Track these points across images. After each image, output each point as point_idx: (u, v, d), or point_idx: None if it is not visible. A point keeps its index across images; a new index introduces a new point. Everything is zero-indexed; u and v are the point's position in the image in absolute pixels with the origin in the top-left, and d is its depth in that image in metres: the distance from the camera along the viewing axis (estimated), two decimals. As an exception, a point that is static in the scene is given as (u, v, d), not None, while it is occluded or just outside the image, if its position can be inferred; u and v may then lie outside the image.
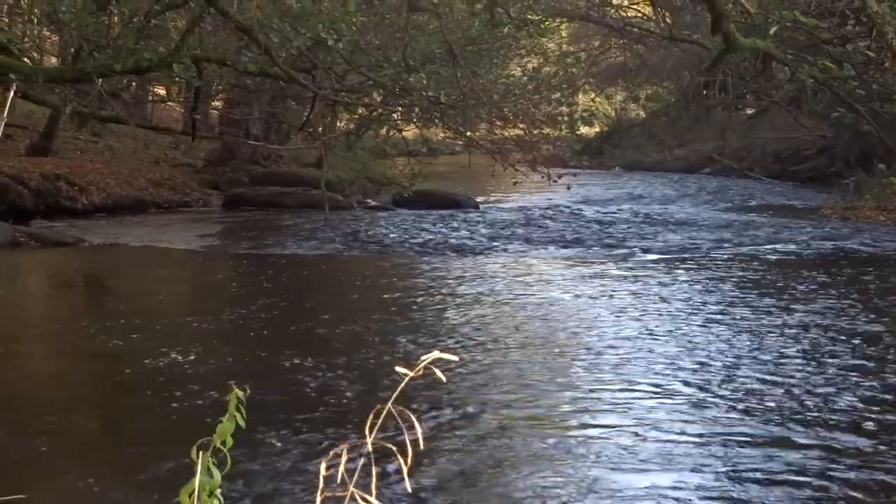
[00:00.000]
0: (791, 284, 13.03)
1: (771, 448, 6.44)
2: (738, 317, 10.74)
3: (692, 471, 6.03)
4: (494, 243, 17.30)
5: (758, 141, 34.44)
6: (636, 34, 35.66)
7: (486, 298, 12.07)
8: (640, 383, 7.99)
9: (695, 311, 11.06)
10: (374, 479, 2.09)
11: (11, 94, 15.29)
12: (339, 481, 2.15)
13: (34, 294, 13.60)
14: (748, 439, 6.59)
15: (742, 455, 6.30)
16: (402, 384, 2.15)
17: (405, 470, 2.10)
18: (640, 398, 7.56)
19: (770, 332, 9.98)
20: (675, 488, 5.76)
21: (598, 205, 24.25)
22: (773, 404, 7.40)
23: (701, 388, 7.83)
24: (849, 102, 22.09)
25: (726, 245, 16.90)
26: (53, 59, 25.37)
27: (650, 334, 9.86)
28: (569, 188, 19.20)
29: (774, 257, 15.61)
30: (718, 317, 10.75)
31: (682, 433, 6.70)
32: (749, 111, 36.58)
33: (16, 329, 10.67)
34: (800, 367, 8.51)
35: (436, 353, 2.15)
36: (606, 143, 39.82)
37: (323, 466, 2.14)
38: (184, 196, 23.49)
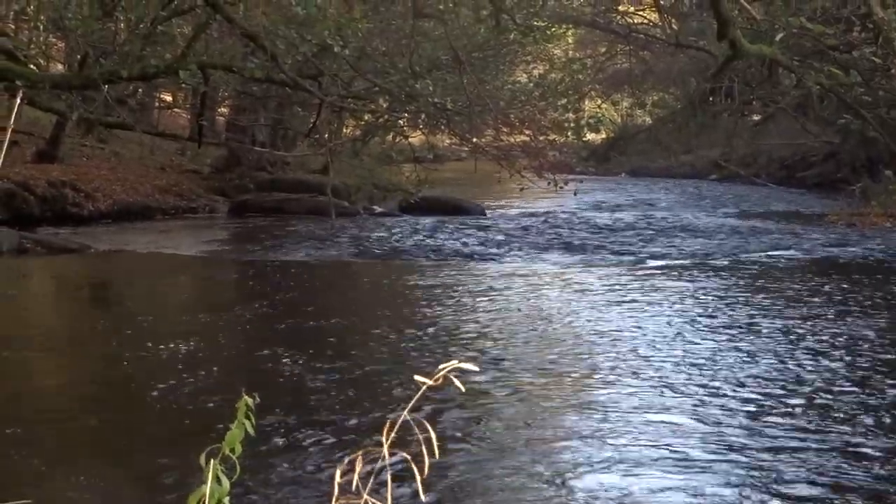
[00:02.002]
0: (797, 290, 13.00)
1: (771, 447, 6.42)
2: (744, 322, 10.72)
3: (717, 486, 6.00)
4: (501, 249, 17.28)
5: (764, 147, 34.43)
6: (642, 40, 35.66)
7: (494, 305, 12.04)
8: (648, 388, 7.96)
9: (702, 318, 11.03)
10: (389, 488, 2.07)
11: (18, 100, 15.31)
12: (353, 489, 2.13)
13: (40, 300, 13.59)
14: (759, 442, 6.58)
15: (750, 458, 6.28)
16: (420, 393, 2.13)
17: (419, 479, 2.08)
18: (649, 403, 7.54)
19: (773, 336, 9.96)
20: None
21: (605, 211, 24.23)
22: (772, 404, 7.38)
23: (712, 395, 7.81)
24: (855, 109, 22.08)
25: (733, 251, 16.87)
26: (59, 66, 25.41)
27: (659, 341, 9.83)
28: (575, 194, 19.17)
29: (781, 263, 15.59)
30: (725, 323, 10.73)
31: (701, 445, 6.67)
32: (755, 117, 36.56)
33: (22, 335, 10.66)
34: (805, 372, 8.49)
35: (454, 363, 2.13)
36: (613, 150, 39.78)
37: (338, 474, 2.12)
38: (190, 202, 23.49)
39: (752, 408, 7.47)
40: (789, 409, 7.42)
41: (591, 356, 9.32)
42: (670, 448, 6.55)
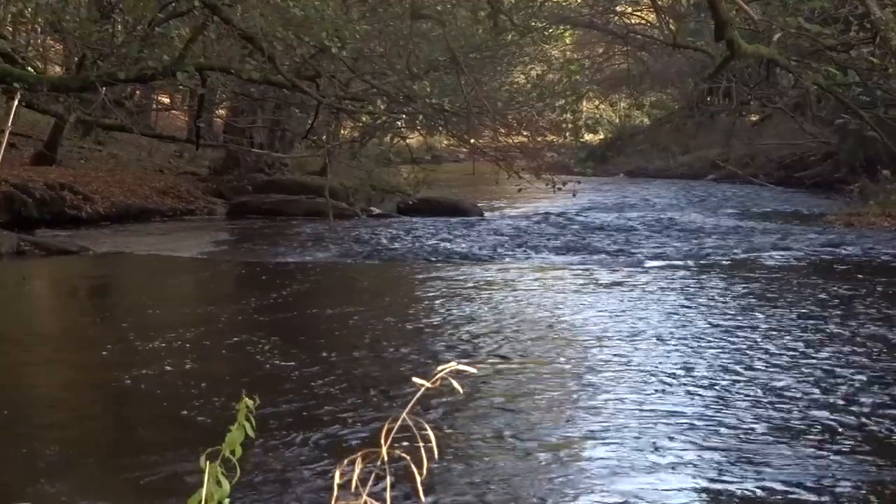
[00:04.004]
0: (795, 290, 13.01)
1: (759, 440, 6.44)
2: (742, 322, 10.73)
3: (716, 494, 6.01)
4: (499, 251, 17.29)
5: (762, 147, 34.48)
6: (640, 41, 35.68)
7: (493, 306, 12.05)
8: (646, 387, 7.97)
9: (698, 317, 11.04)
10: (388, 489, 2.08)
11: (15, 102, 15.30)
12: (352, 490, 2.13)
13: (39, 303, 13.59)
14: (751, 442, 6.59)
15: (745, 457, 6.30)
16: (418, 394, 2.13)
17: (418, 480, 2.08)
18: (647, 403, 7.54)
19: (770, 335, 9.96)
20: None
21: (603, 212, 24.23)
22: (767, 401, 7.39)
23: (706, 388, 7.82)
24: (853, 109, 22.06)
25: (731, 252, 16.88)
26: (57, 68, 25.41)
27: (656, 341, 9.84)
28: (574, 195, 19.15)
29: (778, 264, 15.59)
30: (720, 322, 10.73)
31: (700, 452, 6.68)
32: (753, 118, 36.59)
33: (21, 337, 10.67)
34: (804, 369, 8.49)
35: (453, 365, 2.12)
36: (610, 150, 39.81)
37: (337, 475, 2.12)
38: (188, 204, 23.49)
39: (746, 400, 7.48)
40: (782, 402, 7.43)
41: (586, 354, 9.33)
42: (665, 438, 6.56)
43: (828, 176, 30.52)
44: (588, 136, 28.61)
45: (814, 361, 8.94)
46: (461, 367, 2.15)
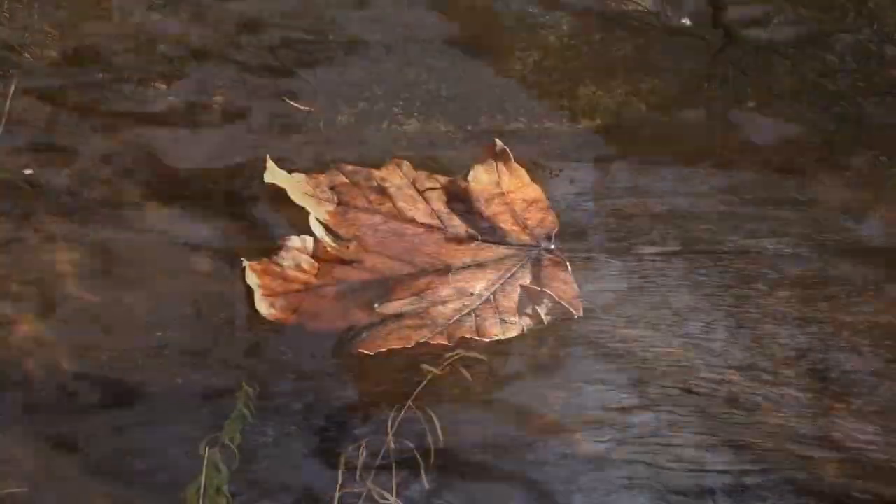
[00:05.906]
0: (791, 277, 13.02)
1: (753, 436, 6.44)
2: (735, 307, 10.74)
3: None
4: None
5: (758, 133, 34.56)
6: (637, 27, 35.75)
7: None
8: (641, 377, 7.98)
9: (694, 304, 11.05)
10: (393, 477, 2.09)
11: (12, 89, 15.28)
12: (357, 478, 2.14)
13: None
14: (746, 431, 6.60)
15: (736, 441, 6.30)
16: (426, 381, 2.14)
17: (423, 468, 2.09)
18: (641, 392, 7.55)
19: (766, 323, 9.98)
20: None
21: (598, 198, 24.22)
22: (761, 392, 7.40)
23: (700, 380, 7.82)
24: (850, 95, 22.14)
25: (725, 238, 16.88)
26: (53, 54, 25.38)
27: (650, 325, 9.85)
28: (571, 182, 19.20)
29: (773, 247, 15.61)
30: (715, 309, 10.75)
31: (698, 440, 6.69)
32: (750, 104, 36.66)
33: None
34: (800, 361, 8.50)
35: (460, 352, 2.13)
36: (607, 136, 39.80)
37: (341, 463, 2.13)
38: (185, 190, 23.50)
39: (740, 393, 7.49)
40: (771, 393, 7.45)
41: (581, 341, 9.34)
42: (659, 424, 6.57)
43: (824, 162, 30.62)
44: (585, 122, 28.60)
45: (804, 343, 8.96)
46: (469, 353, 2.16)
